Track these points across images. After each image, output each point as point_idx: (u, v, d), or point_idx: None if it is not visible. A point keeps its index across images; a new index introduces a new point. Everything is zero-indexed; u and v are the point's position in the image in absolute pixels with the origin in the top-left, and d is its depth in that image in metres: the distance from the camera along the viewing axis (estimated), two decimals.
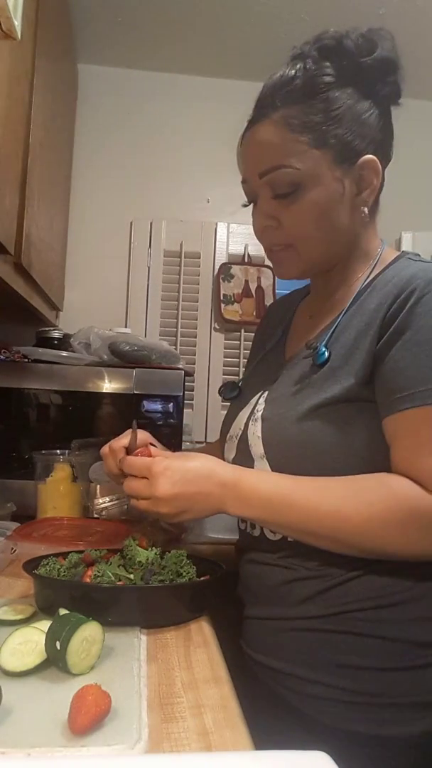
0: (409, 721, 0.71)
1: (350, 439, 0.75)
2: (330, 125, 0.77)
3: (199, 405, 2.09)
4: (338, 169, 0.79)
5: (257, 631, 0.81)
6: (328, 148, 0.78)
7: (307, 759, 0.45)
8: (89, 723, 0.50)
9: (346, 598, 0.74)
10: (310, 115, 0.77)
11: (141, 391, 1.49)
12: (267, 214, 0.82)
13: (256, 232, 0.86)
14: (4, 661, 0.59)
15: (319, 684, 0.73)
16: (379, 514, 0.69)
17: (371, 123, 0.80)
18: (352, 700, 0.71)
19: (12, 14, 0.69)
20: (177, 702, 0.57)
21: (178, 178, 2.14)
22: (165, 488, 0.73)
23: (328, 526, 0.71)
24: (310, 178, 0.78)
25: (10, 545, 0.98)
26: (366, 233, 0.85)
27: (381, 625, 0.73)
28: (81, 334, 1.60)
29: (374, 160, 0.80)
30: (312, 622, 0.75)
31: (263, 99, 0.81)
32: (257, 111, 0.81)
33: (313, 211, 0.79)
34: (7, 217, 1.07)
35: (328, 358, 0.78)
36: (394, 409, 0.72)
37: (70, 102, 1.96)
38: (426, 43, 1.87)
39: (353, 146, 0.79)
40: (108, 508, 1.32)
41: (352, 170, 0.79)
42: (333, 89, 0.78)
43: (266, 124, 0.79)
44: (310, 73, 0.78)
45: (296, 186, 0.78)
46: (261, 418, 0.82)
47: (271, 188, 0.80)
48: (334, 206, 0.80)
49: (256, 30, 1.88)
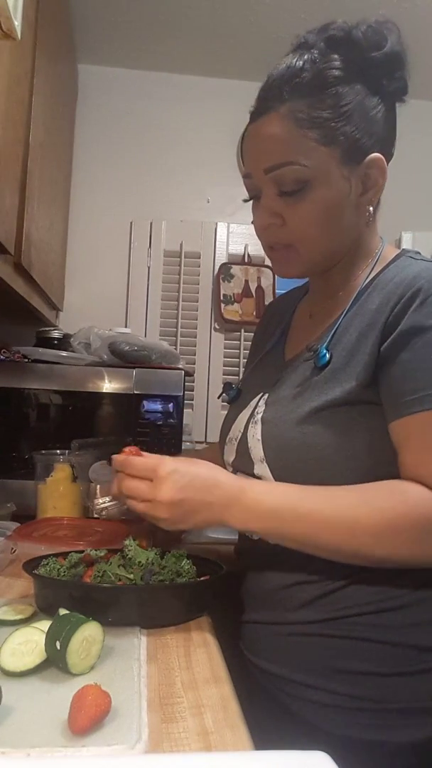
0: (411, 727, 0.70)
1: (351, 442, 0.73)
2: (339, 122, 0.75)
3: (199, 405, 2.09)
4: (345, 167, 0.77)
5: (257, 636, 0.80)
6: (337, 145, 0.76)
7: (307, 759, 0.45)
8: (89, 723, 0.50)
9: (346, 603, 0.73)
10: (318, 110, 0.75)
11: (141, 391, 1.49)
12: (271, 212, 0.79)
13: (257, 229, 0.83)
14: (4, 661, 0.59)
15: (319, 689, 0.72)
16: (393, 522, 0.67)
17: (378, 120, 0.78)
18: (352, 705, 0.71)
19: (12, 14, 0.69)
20: (177, 702, 0.57)
21: (178, 178, 2.14)
22: (170, 493, 0.70)
23: (340, 537, 0.69)
24: (317, 177, 0.76)
25: (10, 545, 0.98)
26: (368, 232, 0.84)
27: (381, 630, 0.72)
28: (81, 334, 1.60)
29: (381, 159, 0.78)
30: (312, 627, 0.74)
31: (269, 90, 0.77)
32: (262, 103, 0.78)
33: (319, 211, 0.77)
34: (7, 217, 1.07)
35: (329, 360, 0.76)
36: (403, 413, 0.70)
37: (70, 102, 1.96)
38: (426, 43, 1.87)
39: (361, 144, 0.77)
40: (108, 508, 1.32)
41: (358, 169, 0.78)
42: (342, 84, 0.75)
43: (273, 117, 0.76)
44: (319, 66, 0.75)
45: (303, 184, 0.76)
46: (261, 420, 0.81)
47: (276, 185, 0.77)
48: (340, 206, 0.78)
49: (255, 30, 1.88)
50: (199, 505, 0.71)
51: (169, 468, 0.71)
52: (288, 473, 0.76)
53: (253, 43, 1.94)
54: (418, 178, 2.19)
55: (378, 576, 0.73)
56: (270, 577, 0.79)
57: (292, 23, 1.80)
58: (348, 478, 0.73)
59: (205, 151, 2.15)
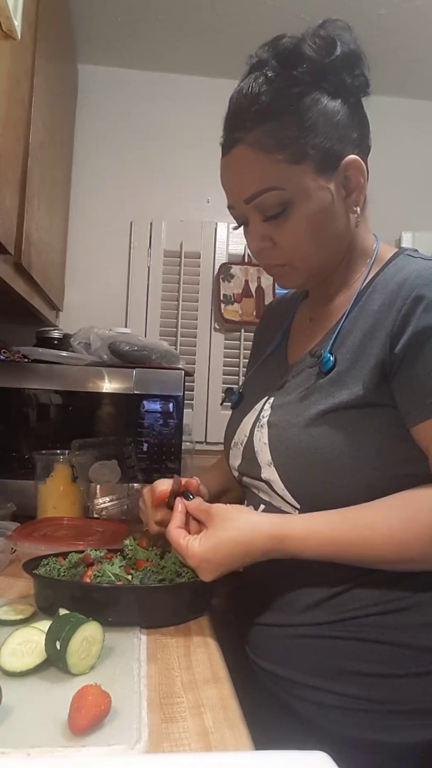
0: (416, 728, 0.70)
1: (360, 445, 0.73)
2: (306, 136, 0.75)
3: (199, 405, 2.09)
4: (322, 177, 0.77)
5: (263, 638, 0.80)
6: (308, 159, 0.75)
7: (307, 759, 0.46)
8: (89, 723, 0.50)
9: (353, 604, 0.73)
10: (283, 131, 0.74)
11: (141, 391, 1.49)
12: (261, 237, 0.80)
13: (253, 253, 0.84)
14: (4, 661, 0.59)
15: (325, 691, 0.72)
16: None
17: (346, 122, 0.78)
18: (358, 707, 0.71)
19: (12, 14, 0.69)
20: (177, 702, 0.57)
21: (178, 178, 2.14)
22: (207, 577, 0.73)
23: (389, 556, 0.70)
24: (297, 195, 0.76)
25: (10, 545, 0.98)
26: (360, 232, 0.84)
27: (388, 631, 0.72)
28: (81, 334, 1.60)
29: (356, 160, 0.78)
30: (318, 629, 0.74)
31: (232, 121, 0.78)
32: (228, 135, 0.79)
33: (306, 227, 0.78)
34: (7, 217, 1.07)
35: (334, 364, 0.76)
36: (430, 414, 0.70)
37: (70, 102, 1.96)
38: (426, 43, 1.87)
39: (333, 151, 0.77)
40: (108, 508, 1.33)
41: (336, 175, 0.78)
42: (301, 98, 0.75)
43: (241, 149, 0.76)
44: (275, 87, 0.75)
45: (285, 205, 0.76)
46: (267, 424, 0.81)
47: (259, 212, 0.78)
48: (327, 215, 0.78)
49: (255, 30, 1.87)
50: (240, 564, 0.74)
51: (197, 559, 0.73)
52: (296, 476, 0.76)
53: (253, 43, 1.94)
54: (418, 178, 2.19)
55: (384, 577, 0.72)
56: (276, 580, 0.79)
57: (292, 23, 1.80)
58: (356, 480, 0.73)
59: (205, 151, 2.13)
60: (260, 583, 0.81)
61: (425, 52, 1.91)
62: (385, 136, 1.66)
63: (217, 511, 0.76)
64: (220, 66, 2.08)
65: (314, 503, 0.74)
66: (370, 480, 0.73)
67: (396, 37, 1.85)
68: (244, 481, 0.87)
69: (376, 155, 0.85)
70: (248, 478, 0.85)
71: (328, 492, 0.74)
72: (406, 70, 2.00)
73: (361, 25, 0.81)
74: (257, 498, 0.84)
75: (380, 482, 0.72)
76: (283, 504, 0.78)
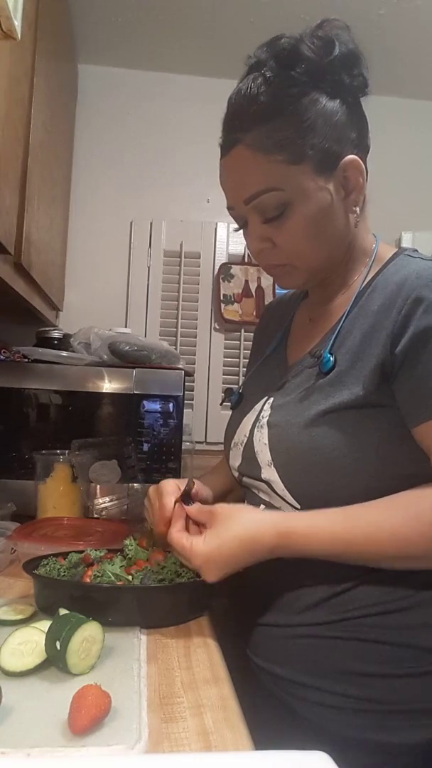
0: (416, 728, 0.70)
1: (359, 444, 0.73)
2: (304, 137, 0.75)
3: (199, 405, 2.09)
4: (321, 178, 0.76)
5: (263, 638, 0.80)
6: (307, 160, 0.75)
7: (307, 759, 0.46)
8: (89, 723, 0.50)
9: (353, 604, 0.73)
10: (282, 132, 0.74)
11: (141, 391, 1.49)
12: (260, 238, 0.80)
13: (253, 254, 0.84)
14: (4, 661, 0.59)
15: (325, 691, 0.72)
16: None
17: (344, 122, 0.78)
18: (358, 707, 0.71)
19: (12, 14, 0.69)
20: (177, 702, 0.57)
21: (178, 178, 2.14)
22: (212, 578, 0.73)
23: (392, 552, 0.69)
24: (296, 196, 0.76)
25: (10, 545, 0.98)
26: (360, 231, 0.84)
27: (387, 631, 0.72)
28: (81, 334, 1.60)
29: (356, 160, 0.78)
30: (318, 629, 0.74)
31: (231, 122, 0.78)
32: (227, 136, 0.79)
33: (305, 228, 0.77)
34: (7, 217, 1.07)
35: (334, 364, 0.76)
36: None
37: (70, 102, 1.96)
38: (426, 43, 1.87)
39: (332, 152, 0.76)
40: (108, 508, 1.33)
41: (335, 175, 0.77)
42: (299, 98, 0.75)
43: (240, 150, 0.76)
44: (273, 87, 0.75)
45: (284, 206, 0.76)
46: (267, 424, 0.81)
47: (259, 213, 0.78)
48: (326, 216, 0.78)
49: (255, 30, 1.87)
50: (245, 563, 0.73)
51: (201, 559, 0.72)
52: (296, 476, 0.76)
53: (253, 43, 1.94)
54: (418, 178, 2.19)
55: (384, 577, 0.72)
56: (276, 581, 0.79)
57: (292, 23, 1.80)
58: (356, 480, 0.73)
59: (205, 151, 2.13)
60: (260, 583, 0.81)
61: (425, 52, 1.91)
62: (385, 136, 1.66)
63: (220, 510, 0.75)
64: (220, 66, 2.08)
65: (314, 503, 0.74)
66: (370, 480, 0.73)
67: (396, 37, 1.84)
68: (244, 481, 0.87)
69: (375, 155, 0.85)
70: (248, 479, 0.85)
71: (329, 492, 0.74)
72: (406, 70, 2.00)
73: (361, 25, 0.81)
74: (257, 498, 0.84)
75: (380, 482, 0.72)
76: (283, 504, 0.78)
